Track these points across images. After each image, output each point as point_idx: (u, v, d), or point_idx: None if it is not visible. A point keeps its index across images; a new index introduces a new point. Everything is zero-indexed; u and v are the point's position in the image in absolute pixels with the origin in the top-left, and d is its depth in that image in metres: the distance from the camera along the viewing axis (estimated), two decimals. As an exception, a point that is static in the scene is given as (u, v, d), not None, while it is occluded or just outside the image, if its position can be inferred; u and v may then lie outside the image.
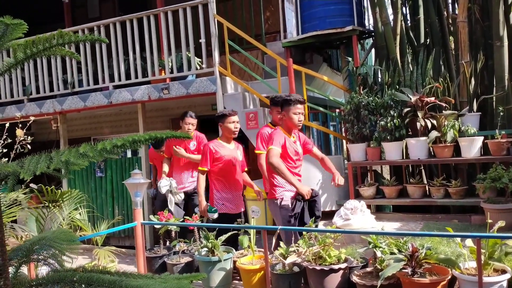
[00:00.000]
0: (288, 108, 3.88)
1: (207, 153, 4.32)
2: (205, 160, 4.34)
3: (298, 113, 3.88)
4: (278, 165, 3.68)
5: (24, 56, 1.29)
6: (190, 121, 5.12)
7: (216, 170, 4.38)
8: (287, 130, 3.93)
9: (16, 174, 1.19)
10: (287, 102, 3.89)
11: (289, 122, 3.90)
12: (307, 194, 3.74)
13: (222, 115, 4.44)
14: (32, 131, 5.28)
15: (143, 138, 1.24)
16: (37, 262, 1.50)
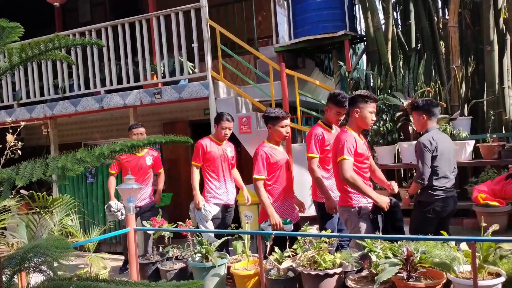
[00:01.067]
0: (362, 106, 3.41)
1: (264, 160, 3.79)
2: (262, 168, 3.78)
3: (372, 112, 3.44)
4: (354, 180, 3.29)
5: (20, 60, 1.26)
6: (228, 125, 4.60)
7: (271, 178, 3.86)
8: (357, 130, 3.50)
9: (11, 181, 1.16)
10: (362, 99, 3.43)
11: (362, 121, 3.45)
12: (386, 206, 3.33)
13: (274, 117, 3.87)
14: (22, 136, 5.22)
15: (142, 143, 1.22)
16: (32, 270, 1.47)
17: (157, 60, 6.15)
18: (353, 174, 3.32)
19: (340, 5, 6.06)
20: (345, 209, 3.50)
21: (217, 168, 4.61)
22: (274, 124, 3.87)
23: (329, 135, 4.02)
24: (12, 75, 6.97)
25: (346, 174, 3.30)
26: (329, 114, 4.07)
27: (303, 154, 5.43)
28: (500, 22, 5.52)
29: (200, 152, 4.53)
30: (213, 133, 4.86)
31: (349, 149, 3.34)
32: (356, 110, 3.45)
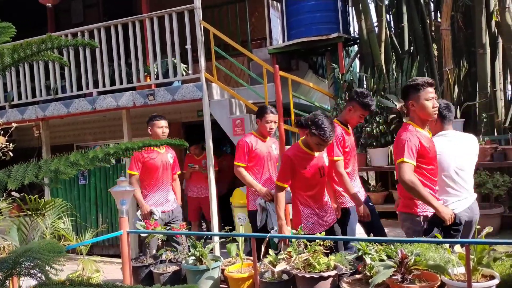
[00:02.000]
0: (417, 95, 2.99)
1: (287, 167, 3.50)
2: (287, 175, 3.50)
3: (432, 98, 2.99)
4: (414, 185, 2.91)
5: (12, 61, 1.24)
6: (273, 118, 4.20)
7: (300, 184, 3.54)
8: (420, 124, 3.07)
9: (2, 184, 1.14)
10: (413, 88, 3.03)
11: (423, 111, 3.02)
12: (449, 219, 3.00)
13: None
14: (13, 138, 5.16)
15: (137, 146, 1.21)
16: (24, 275, 1.45)
17: (150, 62, 6.12)
18: (413, 177, 2.94)
19: (333, 8, 6.07)
20: (407, 216, 3.14)
21: (263, 167, 4.19)
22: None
23: (347, 136, 3.75)
24: (3, 76, 6.88)
25: (404, 176, 2.93)
26: (350, 115, 3.72)
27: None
28: (492, 25, 5.57)
29: (246, 151, 4.11)
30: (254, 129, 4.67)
31: (410, 151, 2.95)
32: (410, 103, 3.06)
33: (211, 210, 5.67)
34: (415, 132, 3.00)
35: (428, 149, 3.03)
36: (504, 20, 5.23)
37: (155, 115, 4.58)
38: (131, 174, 4.42)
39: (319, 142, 3.36)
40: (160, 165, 4.47)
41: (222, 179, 6.43)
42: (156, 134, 4.42)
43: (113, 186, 3.46)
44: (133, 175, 4.40)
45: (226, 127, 5.74)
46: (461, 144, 3.43)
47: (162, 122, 4.48)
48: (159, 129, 4.44)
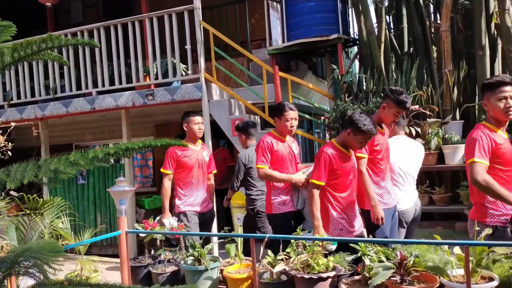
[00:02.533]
0: (489, 95, 2.84)
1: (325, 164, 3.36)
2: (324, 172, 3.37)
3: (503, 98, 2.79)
4: (488, 184, 2.75)
5: (12, 60, 1.24)
6: (293, 115, 3.85)
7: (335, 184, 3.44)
8: (495, 123, 2.89)
9: (2, 183, 1.14)
10: (487, 88, 2.87)
11: (495, 113, 2.85)
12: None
13: None
14: (12, 137, 5.15)
15: (137, 146, 1.20)
16: (23, 274, 1.44)
17: (149, 62, 6.12)
18: (487, 176, 2.76)
19: (333, 9, 6.07)
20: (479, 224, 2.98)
21: (286, 169, 3.90)
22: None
23: (380, 135, 3.57)
24: (2, 75, 6.89)
25: (476, 176, 2.76)
26: (385, 113, 3.56)
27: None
28: (491, 27, 5.57)
29: (267, 152, 3.82)
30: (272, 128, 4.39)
31: (482, 149, 2.80)
32: (485, 103, 2.91)
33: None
34: (487, 132, 2.84)
35: (504, 149, 2.85)
36: (503, 22, 5.24)
37: (191, 111, 4.28)
38: (164, 173, 4.15)
39: (365, 139, 3.28)
40: (195, 163, 4.21)
41: None
42: (192, 131, 4.19)
43: (111, 186, 3.45)
44: (166, 175, 4.13)
45: (225, 127, 5.74)
46: (408, 149, 3.92)
47: (198, 118, 4.21)
48: (196, 125, 4.18)
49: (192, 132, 4.20)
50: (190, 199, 4.19)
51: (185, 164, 4.15)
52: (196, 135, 4.21)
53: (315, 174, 3.38)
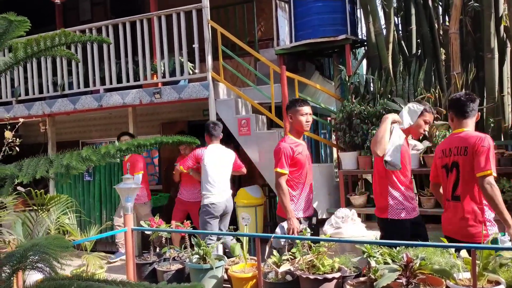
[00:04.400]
0: None
1: None
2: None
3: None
4: None
5: (25, 55, 1.24)
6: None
7: None
8: None
9: (13, 177, 1.14)
10: None
11: None
12: None
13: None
14: (19, 133, 5.18)
15: (148, 143, 1.20)
16: (32, 269, 1.45)
17: (157, 60, 6.14)
18: None
19: (341, 10, 6.06)
20: None
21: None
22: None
23: None
24: (11, 71, 6.92)
25: None
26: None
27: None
28: (501, 30, 5.53)
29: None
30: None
31: None
32: None
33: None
34: None
35: None
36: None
37: (299, 99, 3.84)
38: (281, 173, 3.60)
39: None
40: (306, 161, 3.79)
41: None
42: (299, 123, 3.71)
43: (117, 183, 3.47)
44: (283, 175, 3.61)
45: (231, 126, 5.75)
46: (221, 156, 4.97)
47: (306, 109, 3.72)
48: (303, 116, 3.69)
49: (299, 125, 3.72)
50: (302, 202, 3.78)
51: (298, 162, 3.69)
52: (303, 128, 3.74)
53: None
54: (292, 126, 3.77)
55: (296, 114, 3.69)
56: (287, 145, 3.65)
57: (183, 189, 5.93)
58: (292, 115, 3.72)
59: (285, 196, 3.56)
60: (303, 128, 3.73)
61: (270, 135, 5.59)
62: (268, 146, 5.52)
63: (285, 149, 3.61)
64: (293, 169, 3.67)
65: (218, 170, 5.00)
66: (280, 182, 3.58)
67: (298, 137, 3.77)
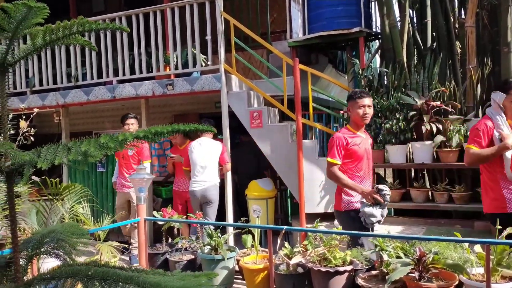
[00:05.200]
0: None
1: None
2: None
3: None
4: None
5: (43, 43, 1.25)
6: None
7: None
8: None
9: (32, 164, 1.15)
10: None
11: None
12: None
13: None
14: (33, 123, 5.25)
15: (166, 130, 1.21)
16: (49, 255, 1.47)
17: (170, 52, 6.14)
18: None
19: (355, 2, 6.00)
20: None
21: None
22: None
23: None
24: (25, 62, 7.00)
25: None
26: None
27: (314, 150, 5.43)
28: (518, 23, 5.44)
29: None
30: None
31: None
32: None
33: (226, 201, 5.67)
34: None
35: None
36: (531, 18, 5.11)
37: (357, 91, 3.69)
38: (333, 163, 3.51)
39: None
40: (364, 153, 3.63)
41: None
42: (356, 115, 3.55)
43: (131, 173, 3.49)
44: (335, 165, 3.50)
45: (243, 119, 5.74)
46: (207, 148, 5.40)
47: (366, 100, 3.55)
48: (361, 109, 3.53)
49: (357, 117, 3.56)
50: (358, 195, 3.56)
51: (354, 153, 3.55)
52: (361, 120, 3.56)
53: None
54: (350, 118, 3.65)
55: (354, 106, 3.55)
56: (341, 135, 3.55)
57: (176, 179, 6.08)
58: (351, 107, 3.59)
59: (342, 178, 3.46)
60: (361, 120, 3.56)
61: (282, 128, 5.58)
62: (280, 138, 5.51)
63: (338, 139, 3.52)
64: (347, 160, 3.52)
65: (200, 160, 5.40)
66: (332, 170, 3.50)
67: (357, 130, 3.61)
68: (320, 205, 5.31)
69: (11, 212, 1.33)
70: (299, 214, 5.16)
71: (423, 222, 4.90)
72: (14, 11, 1.13)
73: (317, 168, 5.36)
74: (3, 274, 1.43)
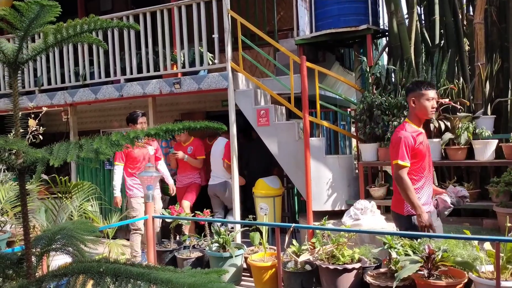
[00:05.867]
0: None
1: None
2: None
3: None
4: None
5: (54, 41, 1.26)
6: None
7: None
8: None
9: (44, 161, 1.16)
10: None
11: None
12: None
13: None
14: (42, 122, 5.29)
15: (177, 127, 1.21)
16: (60, 252, 1.48)
17: (177, 50, 6.15)
18: None
19: (363, -1, 5.97)
20: None
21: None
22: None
23: None
24: (34, 61, 7.03)
25: None
26: None
27: (321, 148, 5.42)
28: (527, 20, 5.39)
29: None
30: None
31: None
32: None
33: (234, 199, 5.68)
34: None
35: None
36: (540, 14, 5.07)
37: (422, 81, 3.47)
38: (403, 166, 3.19)
39: None
40: (426, 151, 3.41)
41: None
42: (423, 109, 3.29)
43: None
44: (404, 168, 3.19)
45: (250, 117, 5.74)
46: None
47: (432, 93, 3.31)
48: (429, 102, 3.28)
49: (423, 111, 3.30)
50: (423, 198, 3.30)
51: (419, 153, 3.31)
52: (428, 114, 3.32)
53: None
54: (413, 112, 3.34)
55: (420, 98, 3.26)
56: (408, 134, 3.24)
57: (178, 176, 6.21)
58: (416, 99, 3.28)
59: (410, 190, 3.12)
60: (428, 115, 3.31)
61: (289, 126, 5.58)
62: (287, 137, 5.51)
63: (406, 139, 3.21)
64: (412, 161, 3.25)
65: None
66: (401, 175, 3.17)
67: (419, 125, 3.35)
68: (327, 203, 5.31)
69: (23, 209, 1.34)
70: (307, 212, 5.16)
71: (431, 220, 4.87)
72: (26, 9, 1.14)
73: (324, 166, 5.35)
74: (15, 270, 1.45)
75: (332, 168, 5.35)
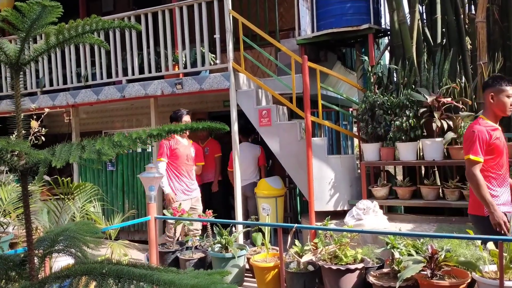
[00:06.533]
0: None
1: None
2: None
3: None
4: None
5: (56, 42, 1.26)
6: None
7: None
8: None
9: (47, 162, 1.16)
10: None
11: None
12: None
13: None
14: (44, 123, 5.30)
15: (179, 128, 1.21)
16: (63, 253, 1.48)
17: (178, 51, 6.15)
18: None
19: (364, -2, 5.96)
20: None
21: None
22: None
23: None
24: (36, 62, 7.04)
25: None
26: None
27: (323, 148, 5.41)
28: (530, 18, 5.37)
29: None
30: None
31: None
32: None
33: (235, 199, 5.67)
34: None
35: None
36: (543, 13, 5.05)
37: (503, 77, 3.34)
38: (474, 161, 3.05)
39: None
40: (503, 148, 3.24)
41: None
42: (502, 105, 3.16)
43: (139, 173, 3.51)
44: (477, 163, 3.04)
45: (252, 117, 5.74)
46: None
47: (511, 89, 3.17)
48: (509, 98, 3.15)
49: (502, 107, 3.18)
50: (501, 198, 3.13)
51: (496, 149, 3.14)
52: (506, 111, 3.19)
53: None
54: (490, 107, 3.19)
55: (500, 94, 3.13)
56: (483, 129, 3.09)
57: None
58: (495, 95, 3.15)
59: (482, 187, 2.95)
60: (506, 111, 3.17)
61: (291, 126, 5.57)
62: (289, 137, 5.50)
63: (480, 133, 3.06)
64: (488, 157, 3.08)
65: None
66: (474, 171, 3.01)
67: (495, 121, 3.21)
68: (329, 203, 5.30)
69: (25, 210, 1.34)
70: (309, 213, 5.15)
71: (433, 220, 4.87)
72: (28, 10, 1.14)
73: (326, 166, 5.34)
74: (18, 272, 1.44)
75: (334, 168, 5.35)
